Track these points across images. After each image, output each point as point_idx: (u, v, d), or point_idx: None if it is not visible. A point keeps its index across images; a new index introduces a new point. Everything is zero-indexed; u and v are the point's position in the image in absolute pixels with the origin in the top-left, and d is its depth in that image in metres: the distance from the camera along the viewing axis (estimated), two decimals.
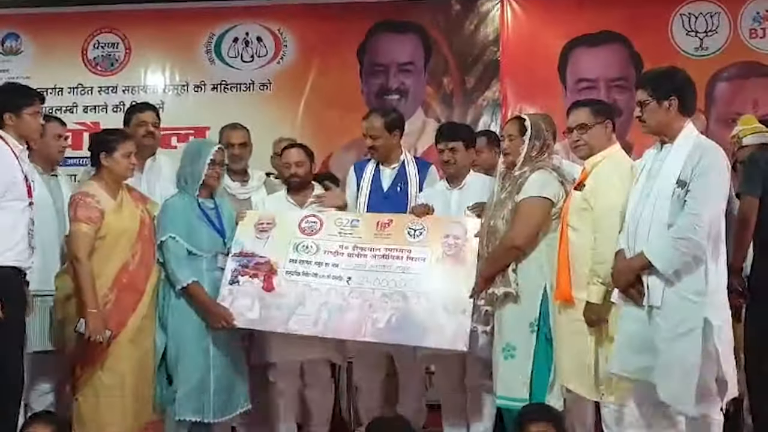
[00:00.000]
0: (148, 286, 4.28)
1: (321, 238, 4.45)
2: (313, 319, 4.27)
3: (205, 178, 4.35)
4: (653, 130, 3.70)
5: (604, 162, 3.92)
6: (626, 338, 3.66)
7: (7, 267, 3.94)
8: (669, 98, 3.62)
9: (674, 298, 3.54)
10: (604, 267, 3.74)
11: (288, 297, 4.33)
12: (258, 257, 4.42)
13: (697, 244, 3.50)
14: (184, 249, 4.27)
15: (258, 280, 4.37)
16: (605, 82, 6.33)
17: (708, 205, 3.51)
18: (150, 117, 4.95)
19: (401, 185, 4.75)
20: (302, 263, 4.41)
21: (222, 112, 6.13)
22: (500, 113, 6.41)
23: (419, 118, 6.51)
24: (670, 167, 3.60)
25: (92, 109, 6.68)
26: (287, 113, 6.50)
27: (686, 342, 3.49)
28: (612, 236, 3.75)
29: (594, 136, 3.97)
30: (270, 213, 4.60)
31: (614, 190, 3.82)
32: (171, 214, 4.33)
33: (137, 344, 4.21)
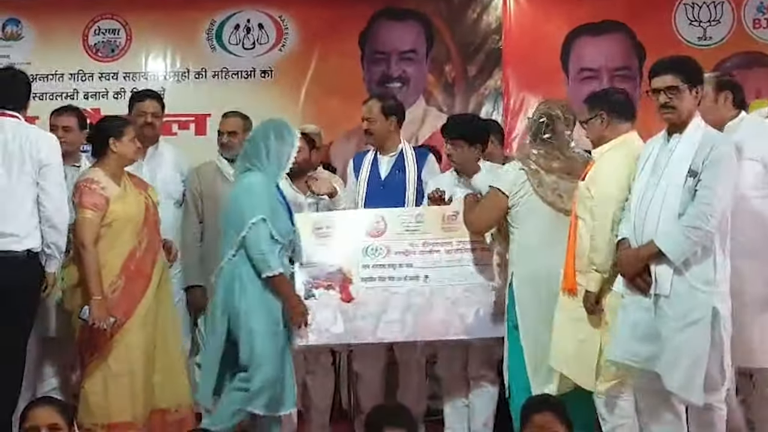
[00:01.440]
0: (154, 273, 4.28)
1: (389, 238, 4.32)
2: (399, 324, 4.24)
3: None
4: (681, 117, 3.64)
5: (609, 152, 3.93)
6: (630, 327, 3.65)
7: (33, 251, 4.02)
8: (697, 87, 3.62)
9: (683, 288, 3.55)
10: (599, 255, 3.77)
11: (370, 305, 4.25)
12: (328, 266, 4.29)
13: (707, 233, 3.51)
14: (269, 233, 4.06)
15: (334, 291, 4.26)
16: (608, 72, 6.30)
17: (718, 195, 3.51)
18: (150, 107, 4.93)
19: (399, 172, 4.74)
20: (376, 267, 4.30)
21: (223, 99, 6.10)
22: (502, 102, 6.39)
23: (420, 107, 6.49)
24: (680, 157, 3.60)
25: (93, 96, 6.64)
26: (288, 101, 6.47)
27: (694, 331, 3.50)
28: (606, 225, 3.77)
29: (589, 130, 4.00)
30: (327, 216, 4.45)
31: (612, 179, 3.83)
32: (258, 193, 4.08)
33: (146, 331, 4.22)
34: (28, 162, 4.01)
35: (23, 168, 4.01)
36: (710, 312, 3.49)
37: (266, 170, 4.14)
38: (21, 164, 4.01)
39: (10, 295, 3.94)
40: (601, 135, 3.96)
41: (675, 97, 3.62)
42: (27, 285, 4.01)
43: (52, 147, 4.09)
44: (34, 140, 4.04)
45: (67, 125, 4.64)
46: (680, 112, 3.64)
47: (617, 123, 3.95)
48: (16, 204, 4.00)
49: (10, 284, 3.94)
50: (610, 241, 3.77)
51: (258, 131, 4.26)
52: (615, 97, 4.06)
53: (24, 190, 4.01)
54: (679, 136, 3.65)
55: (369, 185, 4.74)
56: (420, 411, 4.69)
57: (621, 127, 3.95)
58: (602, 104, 3.99)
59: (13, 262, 3.96)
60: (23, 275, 3.99)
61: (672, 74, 3.63)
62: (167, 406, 4.30)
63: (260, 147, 4.16)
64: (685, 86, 3.61)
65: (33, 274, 4.05)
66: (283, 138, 4.16)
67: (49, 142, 4.10)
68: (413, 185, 4.71)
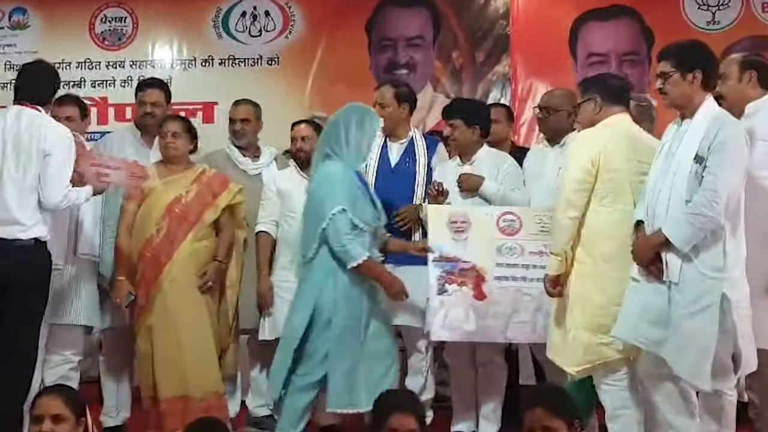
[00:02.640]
0: (169, 263, 4.39)
1: (523, 237, 4.27)
2: (530, 326, 4.21)
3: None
4: (674, 102, 3.66)
5: (582, 133, 3.94)
6: (642, 309, 3.63)
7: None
8: (693, 71, 3.59)
9: (692, 274, 3.53)
10: (552, 237, 3.86)
11: (502, 305, 4.22)
12: (462, 262, 4.26)
13: (713, 220, 3.48)
14: (350, 223, 4.05)
15: (467, 288, 4.23)
16: (616, 57, 6.27)
17: (725, 180, 3.47)
18: (151, 96, 4.90)
19: (409, 161, 4.72)
20: (509, 267, 4.24)
21: (230, 87, 6.11)
22: (510, 88, 6.36)
23: (428, 93, 6.47)
24: (689, 143, 3.58)
25: (100, 84, 6.65)
26: (295, 88, 6.46)
27: (703, 318, 3.48)
28: (559, 207, 3.81)
29: (580, 113, 4.01)
30: (461, 210, 4.39)
31: (572, 162, 3.84)
32: (337, 183, 4.06)
33: (165, 318, 4.34)
34: (35, 154, 4.06)
35: (31, 159, 4.06)
36: (719, 299, 3.47)
37: (345, 158, 4.13)
38: (29, 156, 4.06)
39: (18, 282, 3.99)
40: (592, 119, 3.94)
41: (666, 83, 3.63)
42: (34, 272, 4.05)
43: (57, 139, 4.11)
44: (43, 132, 4.08)
45: (69, 115, 4.64)
46: (671, 98, 3.64)
47: (609, 108, 3.92)
48: (23, 194, 4.04)
49: (18, 272, 3.99)
50: (563, 222, 3.79)
51: (339, 118, 4.23)
52: (610, 82, 4.04)
53: (32, 181, 4.05)
54: (690, 120, 3.63)
55: (378, 172, 4.71)
56: (428, 397, 4.69)
57: (613, 110, 3.93)
58: (596, 88, 3.96)
59: (20, 250, 4.00)
60: (30, 263, 4.03)
61: (664, 60, 3.66)
62: (192, 395, 4.35)
63: (341, 134, 4.14)
64: (675, 72, 3.60)
65: (41, 262, 4.09)
66: (364, 126, 4.16)
67: (55, 134, 4.12)
68: (423, 174, 4.69)
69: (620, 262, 3.73)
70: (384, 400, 2.99)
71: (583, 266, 3.82)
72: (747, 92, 3.95)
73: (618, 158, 3.79)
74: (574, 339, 3.80)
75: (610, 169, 3.78)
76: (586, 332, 3.79)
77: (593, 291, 3.80)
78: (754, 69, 3.98)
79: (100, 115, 6.51)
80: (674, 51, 3.67)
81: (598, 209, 3.80)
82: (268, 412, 4.94)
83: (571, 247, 3.82)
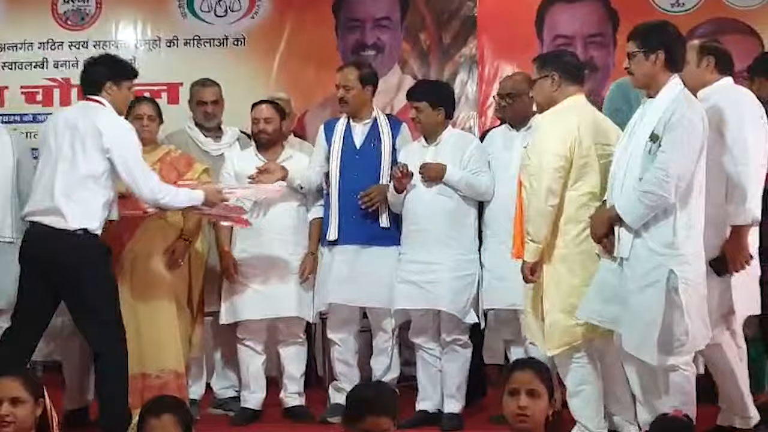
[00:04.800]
0: (131, 241, 4.39)
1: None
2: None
3: None
4: (639, 82, 3.72)
5: (550, 117, 3.95)
6: (598, 287, 3.73)
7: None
8: (656, 51, 3.63)
9: (642, 250, 3.59)
10: (532, 225, 3.84)
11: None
12: None
13: (662, 198, 3.53)
14: None
15: None
16: (582, 39, 6.26)
17: (676, 159, 3.52)
18: None
19: (374, 142, 4.71)
20: None
21: (195, 67, 6.02)
22: (477, 70, 6.36)
23: (396, 75, 6.43)
24: (647, 122, 3.63)
25: (63, 65, 6.55)
26: (262, 69, 6.40)
27: (650, 293, 3.54)
28: (540, 194, 3.82)
29: (537, 90, 4.03)
30: None
31: (547, 147, 3.85)
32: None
33: (125, 295, 4.30)
34: (89, 145, 4.07)
35: (86, 151, 4.06)
36: (666, 275, 3.52)
37: None
38: (85, 147, 4.07)
39: (67, 270, 4.03)
40: (550, 97, 3.97)
41: (632, 63, 3.68)
42: (82, 261, 4.05)
43: (118, 133, 4.12)
44: (100, 124, 4.10)
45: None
46: (636, 77, 3.70)
47: (567, 86, 3.96)
48: (71, 184, 4.06)
49: (65, 260, 4.02)
50: (544, 210, 3.81)
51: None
52: (568, 59, 4.08)
53: (83, 172, 4.06)
54: (653, 100, 3.68)
55: (343, 154, 4.70)
56: (393, 376, 4.70)
57: (570, 89, 3.97)
58: (554, 65, 4.00)
59: (65, 239, 4.03)
60: (76, 252, 4.04)
61: (631, 40, 3.71)
62: (148, 372, 4.35)
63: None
64: (639, 52, 3.64)
65: (89, 253, 4.09)
66: None
67: (113, 128, 4.12)
68: (388, 155, 4.68)
69: (590, 244, 3.78)
70: (357, 402, 2.94)
71: (555, 249, 3.87)
72: (705, 77, 3.99)
73: (586, 142, 3.84)
74: (551, 323, 3.85)
75: (581, 155, 3.83)
76: (562, 314, 3.84)
77: (565, 274, 3.86)
78: (712, 54, 4.02)
79: (63, 97, 6.42)
80: (640, 31, 3.73)
81: (569, 193, 3.85)
82: (233, 393, 4.95)
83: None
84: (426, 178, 4.50)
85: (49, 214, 4.05)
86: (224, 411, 4.88)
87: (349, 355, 4.74)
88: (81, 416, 4.58)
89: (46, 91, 6.45)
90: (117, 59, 4.44)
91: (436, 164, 4.50)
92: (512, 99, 4.54)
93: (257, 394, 4.76)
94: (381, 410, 2.85)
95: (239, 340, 4.75)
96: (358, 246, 4.61)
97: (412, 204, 4.55)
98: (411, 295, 4.50)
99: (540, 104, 4.06)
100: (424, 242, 4.51)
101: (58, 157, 4.08)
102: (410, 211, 4.56)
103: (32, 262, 4.10)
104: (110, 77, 4.21)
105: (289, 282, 4.68)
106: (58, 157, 4.08)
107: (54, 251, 4.03)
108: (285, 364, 4.81)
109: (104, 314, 4.10)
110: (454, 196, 4.51)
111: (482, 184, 4.49)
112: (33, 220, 4.12)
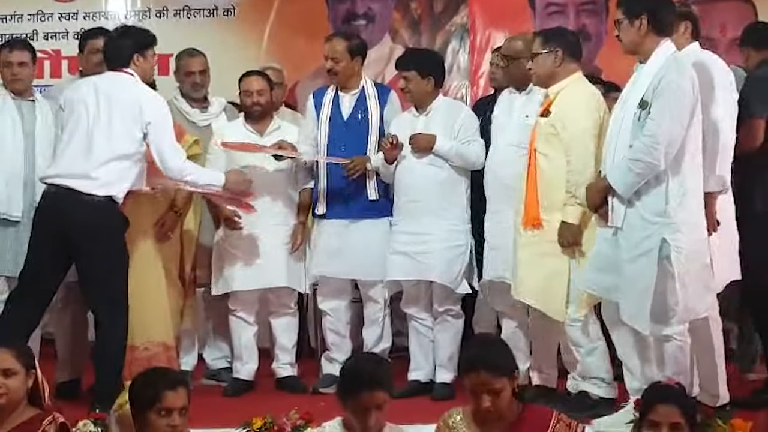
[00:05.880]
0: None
1: None
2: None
3: None
4: (627, 49, 3.72)
5: (567, 88, 3.98)
6: (595, 257, 3.75)
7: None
8: (639, 17, 3.62)
9: (635, 219, 3.59)
10: (581, 189, 3.83)
11: None
12: None
13: (651, 165, 3.52)
14: None
15: None
16: (574, 7, 6.22)
17: (664, 125, 3.50)
18: None
19: (362, 113, 4.68)
20: None
21: (185, 38, 5.96)
22: (469, 39, 6.32)
23: (386, 45, 6.40)
24: (638, 89, 3.62)
25: (53, 37, 6.51)
26: (251, 40, 6.36)
27: (643, 262, 3.54)
28: (586, 158, 3.86)
29: (539, 64, 4.01)
30: None
31: (581, 114, 3.90)
32: None
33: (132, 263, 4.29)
34: (128, 115, 4.11)
35: (124, 120, 4.11)
36: (659, 244, 3.51)
37: None
38: (122, 116, 4.11)
39: (89, 236, 4.07)
40: (552, 72, 4.00)
41: (619, 31, 3.68)
42: (105, 228, 4.12)
43: (156, 106, 4.20)
44: (139, 97, 4.16)
45: (23, 60, 4.57)
46: (624, 45, 3.70)
47: (569, 63, 4.00)
48: (108, 151, 4.09)
49: (89, 225, 4.07)
50: (593, 174, 3.83)
51: None
52: (571, 37, 4.13)
53: (120, 141, 4.11)
54: (643, 66, 3.67)
55: (331, 125, 4.68)
56: (385, 347, 4.72)
57: (571, 66, 4.01)
58: (558, 41, 4.02)
59: (91, 203, 4.07)
60: (101, 218, 4.09)
61: (618, 8, 3.72)
62: (136, 344, 4.33)
63: None
64: (625, 19, 3.64)
65: (112, 220, 4.15)
66: None
67: (151, 101, 4.21)
68: (376, 126, 4.66)
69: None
70: (352, 376, 2.94)
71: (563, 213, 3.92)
72: (680, 42, 3.95)
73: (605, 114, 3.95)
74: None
75: (604, 123, 3.92)
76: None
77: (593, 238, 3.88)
78: (689, 20, 4.02)
79: (53, 68, 6.39)
80: None
81: (568, 159, 3.91)
82: (225, 364, 4.97)
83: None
84: (415, 149, 4.49)
85: (78, 178, 4.07)
86: (217, 382, 4.90)
87: (341, 326, 4.76)
88: (73, 388, 4.59)
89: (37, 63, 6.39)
90: (139, 30, 4.47)
91: (426, 135, 4.48)
92: (509, 61, 4.41)
93: (249, 365, 4.77)
94: (377, 384, 2.85)
95: (231, 311, 4.76)
96: (348, 220, 4.61)
97: (403, 175, 4.54)
98: (403, 266, 4.51)
99: (539, 77, 4.05)
100: (416, 213, 4.51)
101: (94, 125, 4.11)
102: (401, 182, 4.55)
103: (49, 223, 4.12)
104: (136, 49, 4.25)
105: (279, 253, 4.68)
106: (94, 125, 4.11)
107: (76, 213, 4.06)
108: (277, 335, 4.83)
109: (113, 283, 4.13)
110: (444, 167, 4.49)
111: (473, 154, 4.48)
112: (56, 183, 4.13)
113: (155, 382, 2.97)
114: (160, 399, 2.89)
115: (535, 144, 4.00)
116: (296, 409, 3.66)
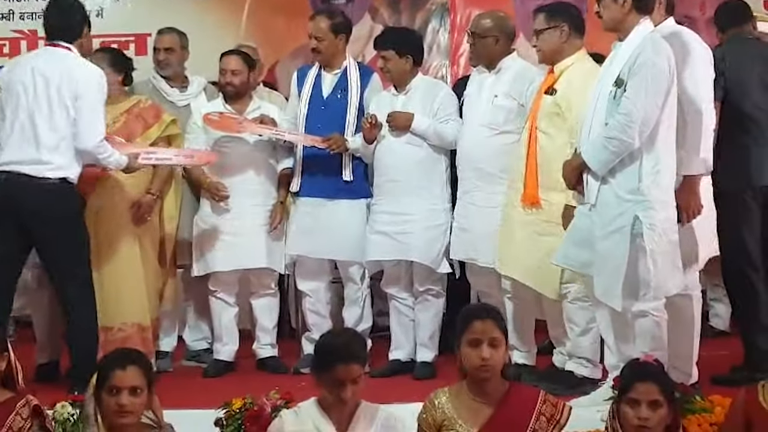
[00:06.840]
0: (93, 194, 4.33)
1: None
2: None
3: None
4: (608, 26, 3.69)
5: (574, 67, 3.95)
6: (572, 231, 3.75)
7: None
8: None
9: (608, 196, 3.60)
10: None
11: None
12: None
13: (625, 143, 3.52)
14: None
15: None
16: None
17: (639, 104, 3.50)
18: None
19: (341, 92, 4.66)
20: None
21: (163, 18, 5.89)
22: (449, 18, 6.29)
23: (366, 24, 6.36)
24: (614, 67, 3.61)
25: (29, 16, 6.43)
26: (231, 19, 6.30)
27: (616, 239, 3.55)
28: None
29: (544, 41, 3.97)
30: None
31: (588, 96, 3.81)
32: None
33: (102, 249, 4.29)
34: (66, 94, 4.05)
35: (62, 100, 4.04)
36: (632, 221, 3.52)
37: None
38: (61, 96, 4.05)
39: (47, 220, 4.03)
40: (558, 48, 3.97)
41: (601, 7, 3.65)
42: (62, 211, 4.07)
43: (87, 80, 4.10)
44: (75, 73, 4.08)
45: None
46: (605, 21, 3.67)
47: (575, 38, 3.98)
48: (54, 134, 4.04)
49: (45, 209, 4.02)
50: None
51: None
52: (575, 12, 4.08)
53: (63, 122, 4.05)
54: (621, 44, 3.66)
55: (310, 104, 4.67)
56: (366, 327, 4.72)
57: (577, 42, 3.99)
58: (564, 16, 3.99)
59: (46, 187, 4.03)
60: (57, 201, 4.05)
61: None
62: (109, 325, 4.33)
63: None
64: None
65: (69, 202, 4.11)
66: None
67: (86, 75, 4.11)
68: (355, 106, 4.64)
69: None
70: (326, 350, 2.92)
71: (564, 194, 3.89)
72: (656, 19, 3.91)
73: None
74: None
75: None
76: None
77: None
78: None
79: (30, 48, 6.27)
80: None
81: (571, 141, 3.87)
82: (206, 345, 4.96)
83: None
84: (393, 127, 4.47)
85: (29, 164, 4.03)
86: (197, 363, 4.89)
87: (321, 306, 4.76)
88: (52, 369, 4.57)
89: (13, 43, 6.34)
90: (80, 2, 4.36)
91: (403, 113, 4.47)
92: (477, 39, 4.39)
93: (230, 345, 4.77)
94: (350, 357, 2.83)
95: (211, 292, 4.75)
96: (322, 199, 4.60)
97: (382, 154, 4.54)
98: (383, 246, 4.50)
99: (545, 54, 4.02)
100: (395, 193, 4.50)
101: (35, 110, 4.04)
102: (380, 162, 4.55)
103: (4, 211, 4.06)
104: (87, 23, 4.20)
105: (259, 233, 4.67)
106: (35, 110, 4.04)
107: (31, 199, 4.02)
108: (257, 316, 4.82)
109: (75, 265, 4.11)
110: (423, 146, 4.49)
111: (450, 133, 4.47)
112: (6, 170, 4.07)
113: (108, 361, 2.93)
114: (108, 377, 2.84)
115: (536, 122, 3.99)
116: (277, 389, 3.64)
